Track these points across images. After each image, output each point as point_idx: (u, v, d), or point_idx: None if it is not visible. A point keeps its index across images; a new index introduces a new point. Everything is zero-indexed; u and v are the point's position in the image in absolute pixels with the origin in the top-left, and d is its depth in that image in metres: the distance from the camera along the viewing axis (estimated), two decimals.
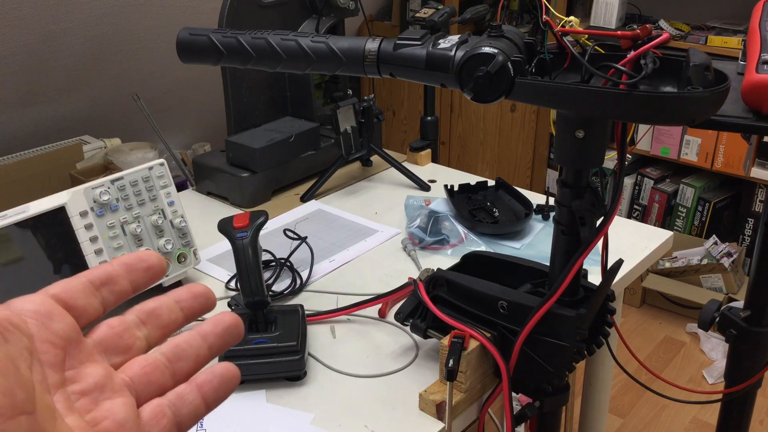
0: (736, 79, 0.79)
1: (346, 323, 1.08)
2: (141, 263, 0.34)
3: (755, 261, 0.96)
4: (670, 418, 2.16)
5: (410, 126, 3.17)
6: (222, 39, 0.91)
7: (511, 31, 0.78)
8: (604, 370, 1.35)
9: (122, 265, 0.34)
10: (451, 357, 0.86)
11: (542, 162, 2.87)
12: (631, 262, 1.21)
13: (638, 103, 0.66)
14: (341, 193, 1.51)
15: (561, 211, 0.83)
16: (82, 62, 2.09)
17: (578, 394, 1.44)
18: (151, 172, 1.10)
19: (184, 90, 2.46)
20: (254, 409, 0.91)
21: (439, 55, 0.77)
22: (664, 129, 2.59)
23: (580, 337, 0.83)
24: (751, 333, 0.98)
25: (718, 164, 2.51)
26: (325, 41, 0.85)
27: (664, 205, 2.69)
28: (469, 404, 0.91)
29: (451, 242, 1.29)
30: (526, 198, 1.37)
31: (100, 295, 0.33)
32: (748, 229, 2.59)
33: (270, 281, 1.17)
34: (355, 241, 1.31)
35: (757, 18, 0.87)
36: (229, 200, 1.47)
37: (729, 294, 2.50)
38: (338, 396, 0.93)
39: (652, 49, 0.69)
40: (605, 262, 0.87)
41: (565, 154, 0.79)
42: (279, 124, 1.55)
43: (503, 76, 0.72)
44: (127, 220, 1.06)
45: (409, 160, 1.64)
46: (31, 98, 2.05)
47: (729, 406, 1.08)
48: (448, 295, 0.93)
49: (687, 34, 2.45)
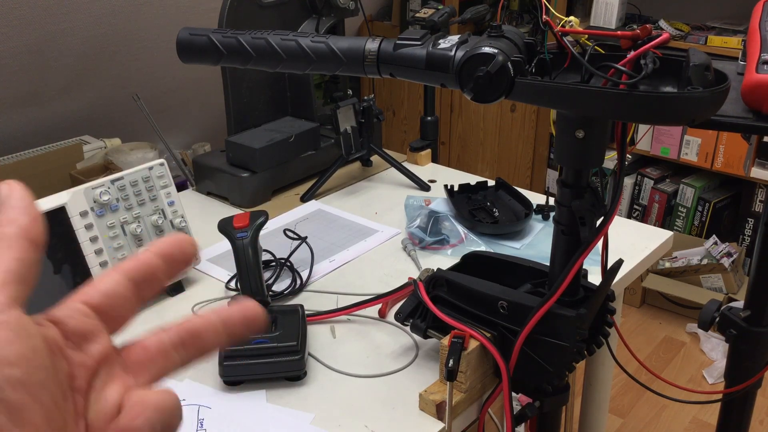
0: (736, 79, 0.79)
1: (346, 323, 1.08)
2: (180, 254, 0.32)
3: (755, 261, 0.96)
4: (670, 418, 2.16)
5: (410, 126, 3.17)
6: (222, 39, 0.91)
7: (511, 31, 0.78)
8: (604, 370, 1.35)
9: (161, 256, 0.31)
10: (451, 357, 0.86)
11: (542, 162, 2.87)
12: (631, 262, 1.21)
13: (638, 103, 0.66)
14: (341, 193, 1.51)
15: (561, 211, 0.83)
16: (82, 62, 2.09)
17: (578, 394, 1.44)
18: (151, 172, 1.10)
19: (184, 90, 2.46)
20: (254, 409, 0.91)
21: (439, 55, 0.77)
22: (664, 129, 2.59)
23: (580, 337, 0.83)
24: (751, 333, 0.98)
25: (718, 164, 2.51)
26: (325, 41, 0.85)
27: (664, 205, 2.69)
28: (469, 404, 0.91)
29: (451, 242, 1.29)
30: (526, 198, 1.37)
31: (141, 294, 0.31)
32: (748, 229, 2.59)
33: (270, 281, 1.17)
34: (355, 241, 1.31)
35: (757, 18, 0.87)
36: (229, 200, 1.47)
37: (729, 294, 2.50)
38: (338, 396, 0.93)
39: (652, 49, 0.69)
40: (605, 262, 0.87)
41: (565, 154, 0.79)
42: (279, 124, 1.55)
43: (503, 76, 0.72)
44: (127, 220, 1.06)
45: (409, 160, 1.64)
46: (31, 98, 2.05)
47: (729, 406, 1.08)
48: (448, 295, 0.93)
49: (687, 34, 2.45)
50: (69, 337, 0.28)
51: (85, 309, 0.29)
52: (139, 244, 1.07)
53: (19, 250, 0.27)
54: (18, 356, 0.25)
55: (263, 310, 0.33)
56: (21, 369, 0.24)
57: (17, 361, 0.24)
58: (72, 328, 0.28)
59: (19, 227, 0.28)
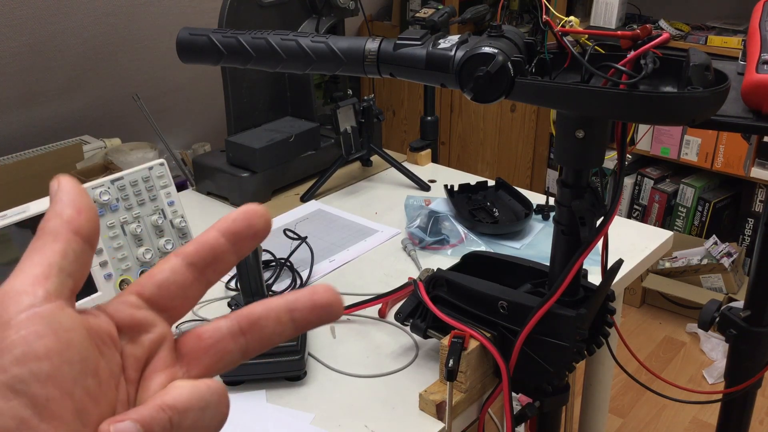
0: (736, 79, 0.78)
1: (346, 323, 1.08)
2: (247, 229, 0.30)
3: (755, 261, 0.96)
4: (670, 418, 2.16)
5: (410, 126, 3.17)
6: (222, 39, 0.91)
7: (511, 31, 0.78)
8: (604, 370, 1.35)
9: (227, 234, 0.30)
10: (451, 357, 0.86)
11: (542, 162, 2.87)
12: (631, 262, 1.21)
13: (638, 103, 0.66)
14: (341, 193, 1.51)
15: (561, 211, 0.83)
16: (82, 62, 2.09)
17: (578, 394, 1.44)
18: (151, 172, 1.10)
19: (184, 90, 2.46)
20: (254, 409, 0.91)
21: (439, 55, 0.77)
22: (664, 129, 2.59)
23: (580, 337, 0.83)
24: (751, 333, 0.98)
25: (718, 164, 2.51)
26: (325, 41, 0.85)
27: (664, 205, 2.69)
28: (469, 404, 0.91)
29: (451, 242, 1.29)
30: (526, 198, 1.37)
31: (204, 278, 0.30)
32: (748, 229, 2.59)
33: (270, 281, 1.17)
34: (355, 241, 1.31)
35: (757, 18, 0.87)
36: (229, 200, 1.47)
37: (729, 294, 2.50)
38: (338, 396, 0.93)
39: (652, 49, 0.69)
40: (605, 262, 0.87)
41: (565, 154, 0.79)
42: (279, 124, 1.55)
43: (503, 76, 0.72)
44: (127, 220, 1.06)
45: (409, 160, 1.64)
46: (31, 98, 2.05)
47: (729, 406, 1.08)
48: (448, 295, 0.93)
49: (687, 34, 2.45)
50: (122, 329, 0.28)
51: (136, 300, 0.29)
52: (139, 244, 1.07)
53: (64, 242, 0.27)
54: (47, 350, 0.25)
55: (339, 296, 0.30)
56: (50, 363, 0.24)
57: (46, 355, 0.24)
58: (121, 321, 0.28)
59: (63, 220, 0.28)
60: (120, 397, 0.27)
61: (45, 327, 0.25)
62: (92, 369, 0.26)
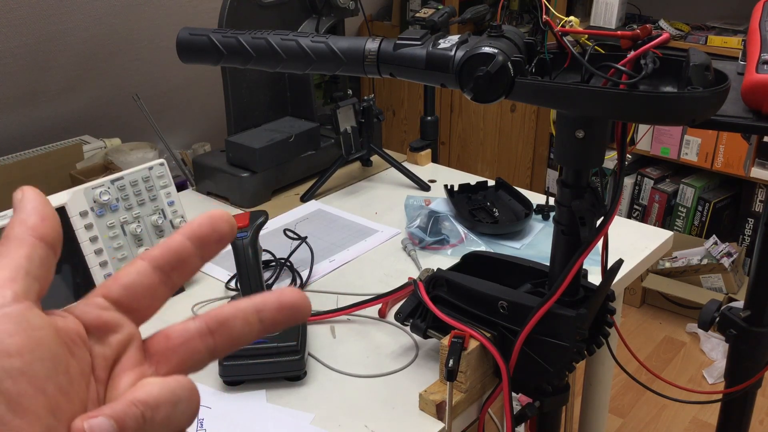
0: (736, 79, 0.79)
1: (346, 323, 1.08)
2: (213, 233, 0.30)
3: (755, 261, 0.96)
4: (670, 418, 2.16)
5: (410, 126, 3.17)
6: (222, 39, 0.91)
7: (511, 31, 0.78)
8: (604, 370, 1.35)
9: (192, 239, 0.30)
10: (451, 357, 0.86)
11: (542, 162, 2.87)
12: (631, 262, 1.21)
13: (638, 103, 0.66)
14: (341, 193, 1.51)
15: (561, 211, 0.83)
16: (82, 62, 2.09)
17: (578, 394, 1.44)
18: (151, 172, 1.10)
19: (184, 90, 2.46)
20: (254, 409, 0.91)
21: (439, 55, 0.77)
22: (664, 129, 2.59)
23: (580, 337, 0.83)
24: (751, 333, 0.98)
25: (718, 164, 2.51)
26: (325, 41, 0.85)
27: (664, 205, 2.69)
28: (469, 404, 0.91)
29: (451, 242, 1.29)
30: (526, 198, 1.37)
31: (170, 281, 0.30)
32: (748, 229, 2.59)
33: (270, 281, 1.17)
34: (355, 241, 1.31)
35: (757, 18, 0.87)
36: (229, 200, 1.47)
37: (729, 294, 2.50)
38: (338, 396, 0.93)
39: (652, 49, 0.69)
40: (605, 262, 0.87)
41: (565, 154, 0.79)
42: (279, 124, 1.55)
43: (503, 76, 0.72)
44: (127, 220, 1.06)
45: (409, 160, 1.64)
46: (31, 98, 2.05)
47: (729, 406, 1.08)
48: (448, 295, 0.93)
49: (687, 34, 2.45)
50: (90, 330, 0.29)
51: (103, 302, 0.30)
52: (139, 244, 1.07)
53: (29, 247, 0.28)
54: (18, 348, 0.25)
55: (306, 298, 0.31)
56: (21, 360, 0.25)
57: (18, 352, 0.25)
58: (88, 322, 0.29)
59: (28, 227, 0.29)
60: (90, 396, 0.27)
61: (15, 326, 0.25)
62: (63, 367, 0.26)
